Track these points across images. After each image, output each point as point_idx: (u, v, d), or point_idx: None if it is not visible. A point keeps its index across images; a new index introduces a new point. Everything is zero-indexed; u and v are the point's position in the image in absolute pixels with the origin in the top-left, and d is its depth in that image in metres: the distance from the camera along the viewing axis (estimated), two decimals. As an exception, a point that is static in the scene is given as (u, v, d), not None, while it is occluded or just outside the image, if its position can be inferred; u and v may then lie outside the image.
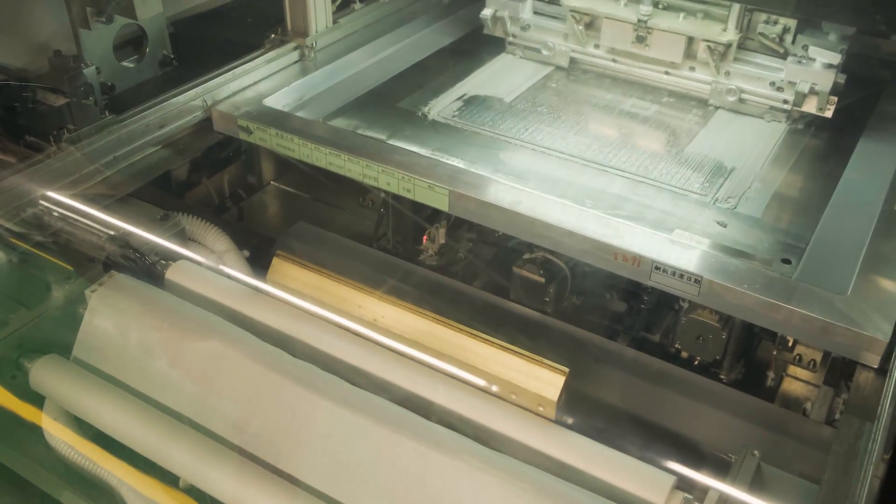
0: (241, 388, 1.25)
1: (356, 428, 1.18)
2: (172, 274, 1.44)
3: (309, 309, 1.37)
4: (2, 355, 1.30)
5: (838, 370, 1.41)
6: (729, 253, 1.41)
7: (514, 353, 1.25)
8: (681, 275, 1.32)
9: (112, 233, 1.42)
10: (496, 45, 2.16)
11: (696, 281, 1.31)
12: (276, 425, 1.20)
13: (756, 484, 1.07)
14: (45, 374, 1.29)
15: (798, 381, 1.57)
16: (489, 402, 1.24)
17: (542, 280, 1.57)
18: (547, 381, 1.22)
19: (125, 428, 1.25)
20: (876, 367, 1.21)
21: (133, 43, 1.81)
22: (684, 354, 1.55)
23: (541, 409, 1.23)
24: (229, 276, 1.49)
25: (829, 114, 1.78)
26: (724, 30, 1.83)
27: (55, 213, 1.41)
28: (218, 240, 1.62)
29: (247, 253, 1.63)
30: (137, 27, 1.76)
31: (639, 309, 1.65)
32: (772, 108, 1.86)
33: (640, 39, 1.90)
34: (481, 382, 1.25)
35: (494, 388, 1.25)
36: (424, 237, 1.82)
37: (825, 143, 1.82)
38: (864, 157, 1.71)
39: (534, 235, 1.44)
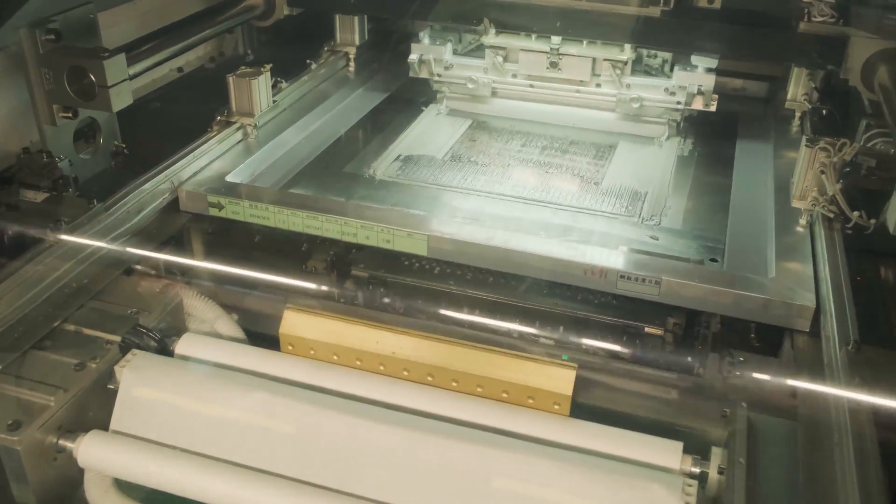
0: (277, 426, 1.36)
1: (398, 439, 1.33)
2: (181, 347, 1.53)
3: (326, 358, 1.52)
4: (42, 440, 1.34)
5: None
6: (669, 258, 1.69)
7: (525, 358, 1.45)
8: (643, 279, 1.58)
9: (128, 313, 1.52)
10: (414, 108, 2.41)
11: (656, 283, 1.57)
12: (324, 449, 1.33)
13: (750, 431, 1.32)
14: (92, 448, 1.35)
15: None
16: (509, 411, 1.43)
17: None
18: (560, 378, 1.42)
19: (177, 480, 1.32)
20: (807, 330, 1.51)
21: (85, 135, 1.88)
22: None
23: (556, 407, 1.43)
24: (234, 342, 1.62)
25: (713, 108, 2.18)
26: (622, 51, 2.20)
27: (71, 299, 1.48)
28: (208, 308, 1.71)
29: (235, 316, 1.73)
30: (90, 119, 1.84)
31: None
32: (667, 109, 2.23)
33: (554, 65, 2.22)
34: (500, 394, 1.45)
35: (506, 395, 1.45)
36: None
37: (708, 163, 2.17)
38: (741, 170, 2.08)
39: (510, 264, 1.65)
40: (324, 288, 1.80)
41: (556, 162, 2.14)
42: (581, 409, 1.42)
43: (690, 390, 1.52)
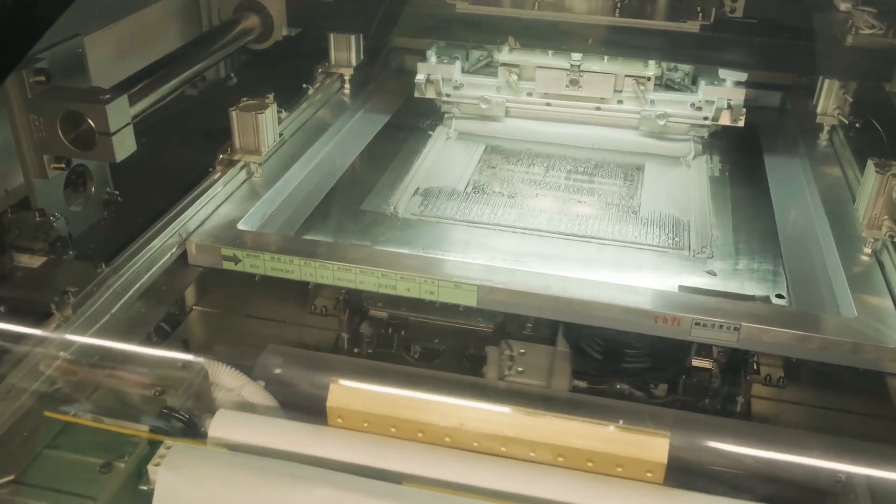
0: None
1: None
2: (216, 428, 1.35)
3: (383, 431, 1.35)
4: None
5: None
6: (735, 297, 1.57)
7: (611, 425, 1.32)
8: (720, 326, 1.45)
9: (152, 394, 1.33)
10: (420, 132, 2.25)
11: (735, 329, 1.45)
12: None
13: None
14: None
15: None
16: (600, 483, 1.28)
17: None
18: (651, 446, 1.29)
19: None
20: (898, 373, 1.40)
21: (73, 183, 1.66)
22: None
23: (649, 475, 1.30)
24: (274, 417, 1.44)
25: (741, 123, 2.08)
26: (646, 65, 2.09)
27: (83, 383, 1.28)
28: (233, 376, 1.52)
29: (262, 383, 1.55)
30: (78, 166, 1.62)
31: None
32: (693, 125, 2.13)
33: (574, 82, 2.10)
34: (584, 464, 1.30)
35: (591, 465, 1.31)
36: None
37: (742, 184, 2.05)
38: (779, 192, 1.99)
39: (571, 314, 1.51)
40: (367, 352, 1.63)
41: (586, 187, 2.00)
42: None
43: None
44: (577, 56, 2.07)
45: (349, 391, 1.37)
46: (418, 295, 1.56)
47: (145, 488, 1.23)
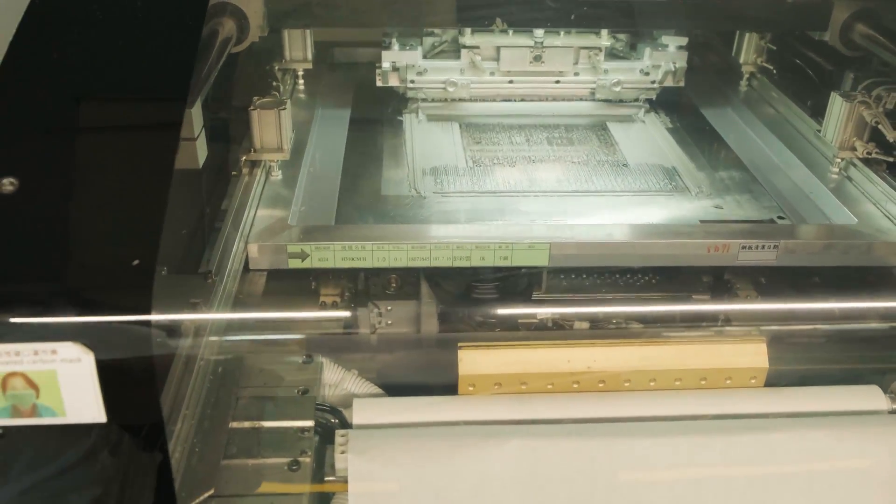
0: (550, 470, 1.28)
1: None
2: (358, 416, 1.38)
3: (514, 390, 1.44)
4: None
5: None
6: (754, 223, 1.81)
7: (715, 341, 1.49)
8: (762, 246, 1.67)
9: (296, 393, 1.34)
10: (389, 119, 2.31)
11: (774, 247, 1.67)
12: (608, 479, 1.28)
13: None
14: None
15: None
16: (718, 396, 1.46)
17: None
18: (753, 353, 1.48)
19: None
20: (901, 265, 1.69)
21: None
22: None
23: (753, 381, 1.49)
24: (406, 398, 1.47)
25: (682, 83, 2.33)
26: (598, 36, 2.27)
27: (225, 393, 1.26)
28: (331, 371, 1.54)
29: (356, 372, 1.57)
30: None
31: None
32: (642, 89, 2.35)
33: (537, 58, 2.23)
34: (698, 383, 1.47)
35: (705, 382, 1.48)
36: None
37: (695, 131, 2.29)
38: (731, 134, 2.25)
39: (636, 258, 1.66)
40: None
41: (571, 150, 2.16)
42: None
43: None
44: (539, 32, 2.21)
45: (478, 356, 1.45)
46: (492, 262, 1.64)
47: (332, 478, 1.25)
